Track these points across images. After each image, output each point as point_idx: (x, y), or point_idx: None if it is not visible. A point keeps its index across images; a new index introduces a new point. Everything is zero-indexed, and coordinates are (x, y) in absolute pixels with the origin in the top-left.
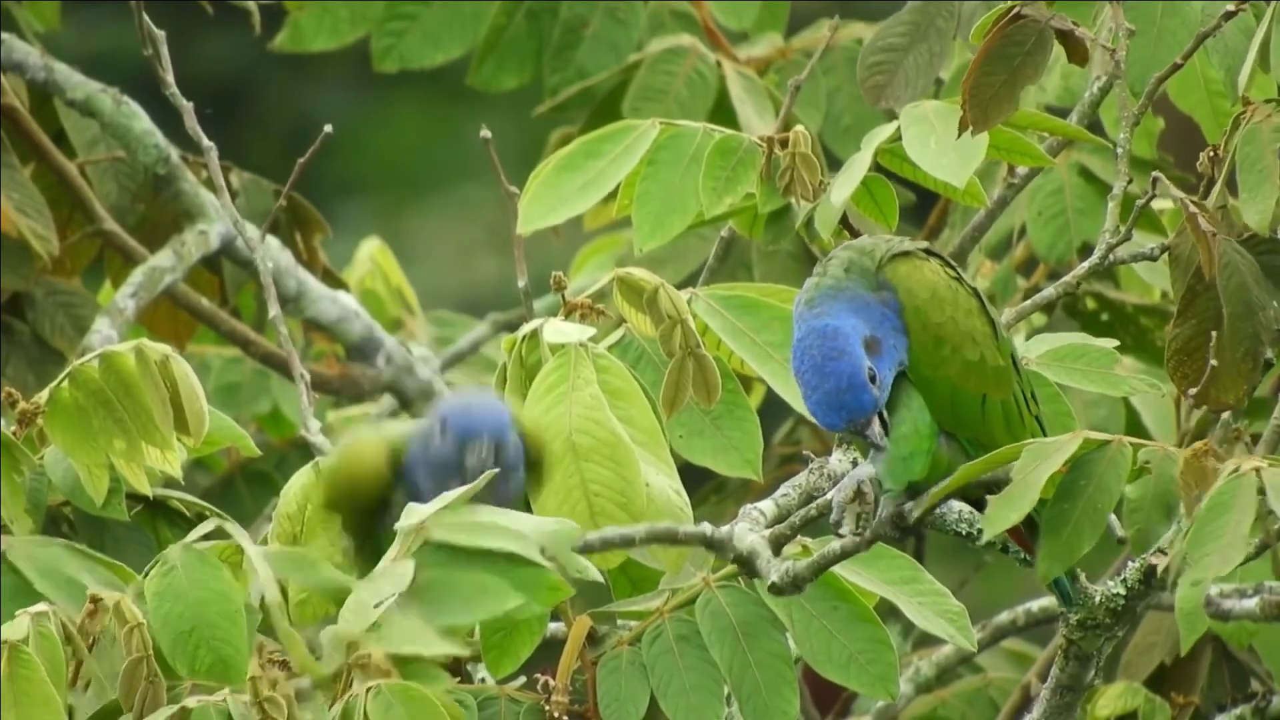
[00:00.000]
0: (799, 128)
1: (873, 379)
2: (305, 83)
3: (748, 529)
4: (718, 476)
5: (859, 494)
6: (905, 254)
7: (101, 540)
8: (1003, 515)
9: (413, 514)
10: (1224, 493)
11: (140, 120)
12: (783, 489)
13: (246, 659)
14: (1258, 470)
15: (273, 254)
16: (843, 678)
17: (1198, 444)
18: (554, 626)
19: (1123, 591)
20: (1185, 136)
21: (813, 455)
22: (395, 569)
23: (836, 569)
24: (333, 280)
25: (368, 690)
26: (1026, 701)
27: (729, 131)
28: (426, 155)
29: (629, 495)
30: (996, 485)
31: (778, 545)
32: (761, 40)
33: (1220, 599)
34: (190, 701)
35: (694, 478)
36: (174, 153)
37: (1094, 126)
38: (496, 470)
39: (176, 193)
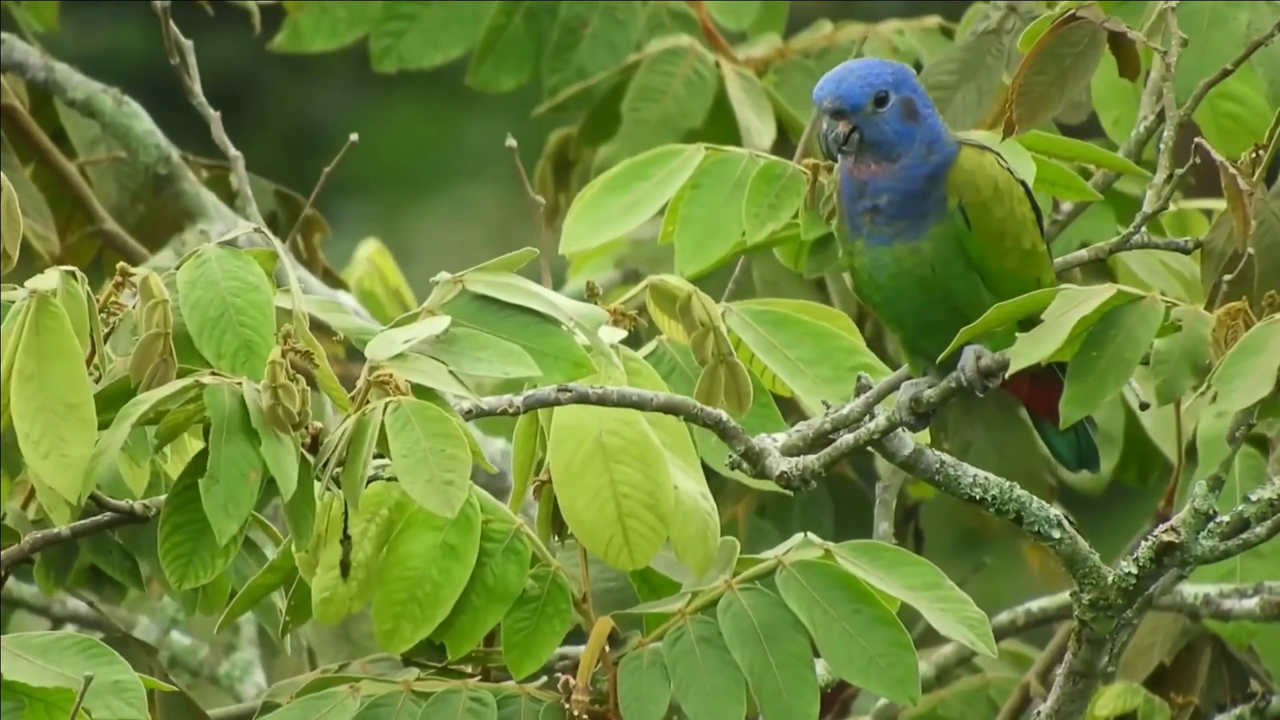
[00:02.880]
0: None
1: (882, 100)
2: (305, 83)
3: (761, 435)
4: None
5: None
6: (967, 143)
7: (139, 537)
8: (1029, 351)
9: None
10: (1257, 336)
11: (141, 120)
12: (798, 426)
13: (270, 348)
14: None
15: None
16: (863, 680)
17: (1232, 304)
18: (574, 650)
19: (1134, 570)
20: (1183, 138)
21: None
22: (431, 320)
23: (858, 572)
24: (332, 280)
25: (386, 405)
26: (1025, 702)
27: (774, 158)
28: (426, 155)
29: (657, 497)
30: None
31: (789, 453)
32: (760, 41)
33: (1220, 599)
34: (206, 378)
35: (711, 478)
36: (174, 153)
37: (1092, 122)
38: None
39: (177, 192)
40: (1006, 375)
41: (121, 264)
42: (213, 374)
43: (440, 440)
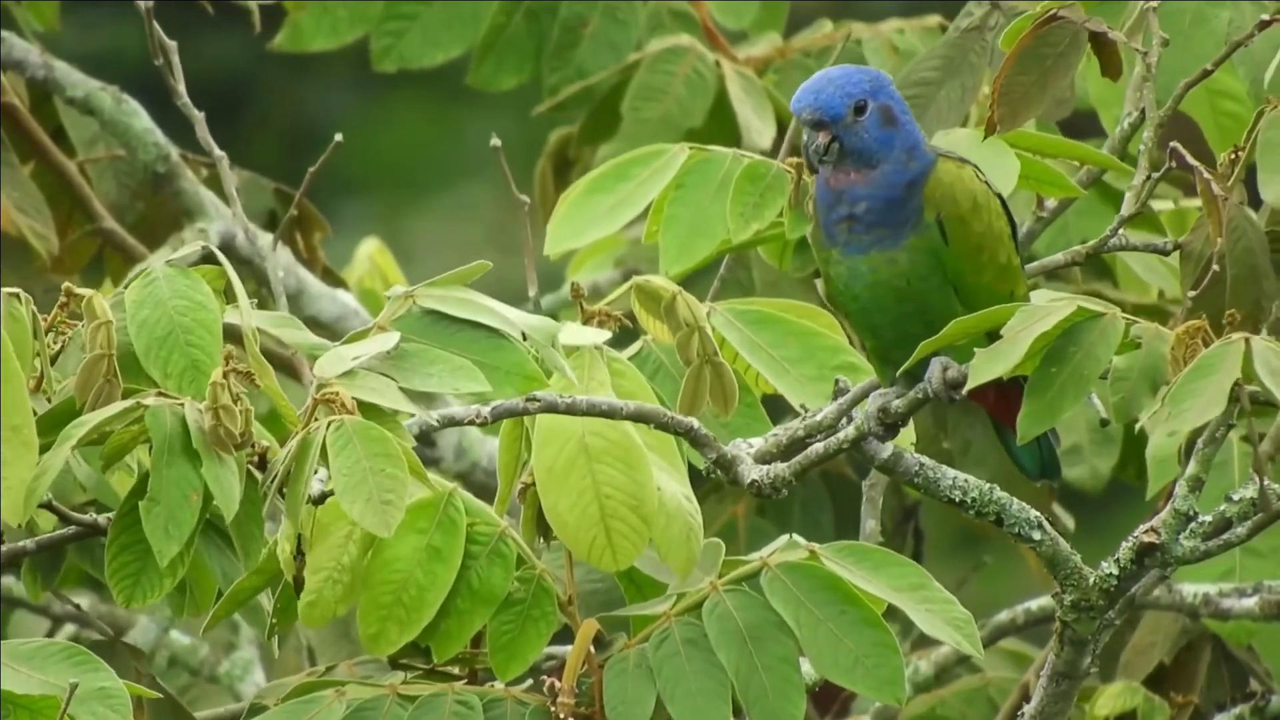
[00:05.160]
0: None
1: (861, 109)
2: (305, 83)
3: (736, 441)
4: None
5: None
6: (945, 155)
7: None
8: (987, 367)
9: None
10: (1212, 356)
11: (140, 118)
12: (774, 430)
13: (216, 367)
14: (1247, 340)
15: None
16: (849, 681)
17: (1191, 322)
18: (561, 650)
19: (1115, 571)
20: (1185, 138)
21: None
22: (381, 336)
23: (844, 573)
24: (332, 279)
25: (329, 424)
26: (1025, 701)
27: (758, 157)
28: (426, 155)
29: (640, 498)
30: None
31: (763, 459)
32: (760, 40)
33: (1219, 598)
34: (148, 399)
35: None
36: (174, 151)
37: (1092, 121)
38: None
39: (176, 191)
40: (963, 392)
41: (66, 284)
42: (159, 394)
43: (381, 460)
